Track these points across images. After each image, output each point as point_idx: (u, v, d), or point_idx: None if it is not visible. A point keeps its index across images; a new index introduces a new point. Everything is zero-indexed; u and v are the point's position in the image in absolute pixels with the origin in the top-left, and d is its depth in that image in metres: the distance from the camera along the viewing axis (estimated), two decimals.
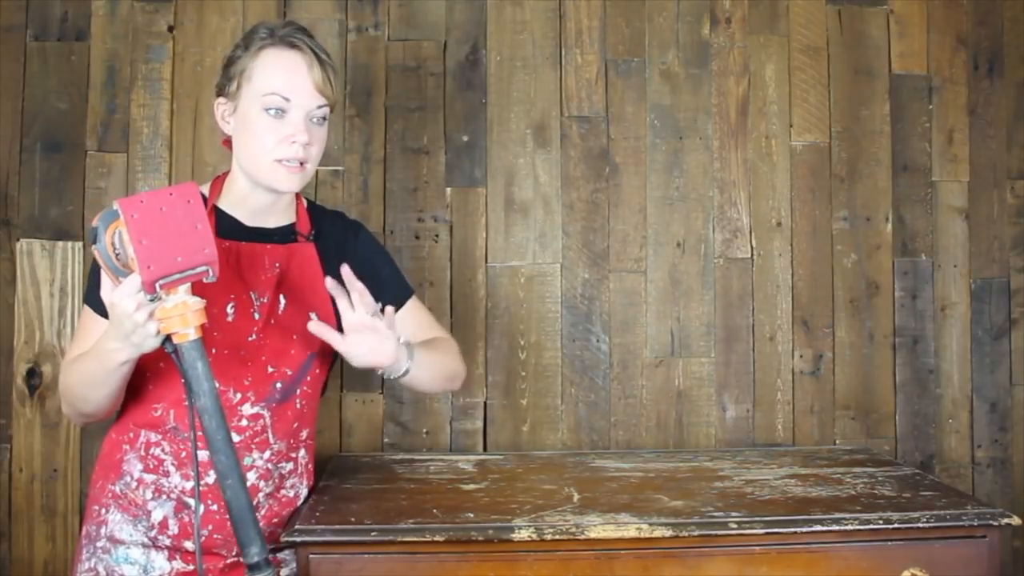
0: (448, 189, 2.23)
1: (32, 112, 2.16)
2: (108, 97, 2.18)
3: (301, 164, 1.54)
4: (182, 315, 1.25)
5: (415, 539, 1.46)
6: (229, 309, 1.55)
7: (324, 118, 1.57)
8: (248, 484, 1.54)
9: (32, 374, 2.13)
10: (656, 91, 2.26)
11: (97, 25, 2.18)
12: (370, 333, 1.50)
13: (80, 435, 2.14)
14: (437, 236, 2.22)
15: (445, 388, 1.77)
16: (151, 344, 1.30)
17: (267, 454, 1.58)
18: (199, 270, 1.24)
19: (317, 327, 1.51)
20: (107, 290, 1.28)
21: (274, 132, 1.52)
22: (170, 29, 2.19)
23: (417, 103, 2.23)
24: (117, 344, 1.32)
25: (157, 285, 1.22)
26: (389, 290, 1.70)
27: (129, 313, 1.25)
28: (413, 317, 1.74)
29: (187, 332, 1.25)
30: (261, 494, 1.57)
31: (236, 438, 1.54)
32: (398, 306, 1.69)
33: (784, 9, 2.28)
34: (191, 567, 1.52)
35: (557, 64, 2.25)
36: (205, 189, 1.64)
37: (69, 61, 2.18)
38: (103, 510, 1.56)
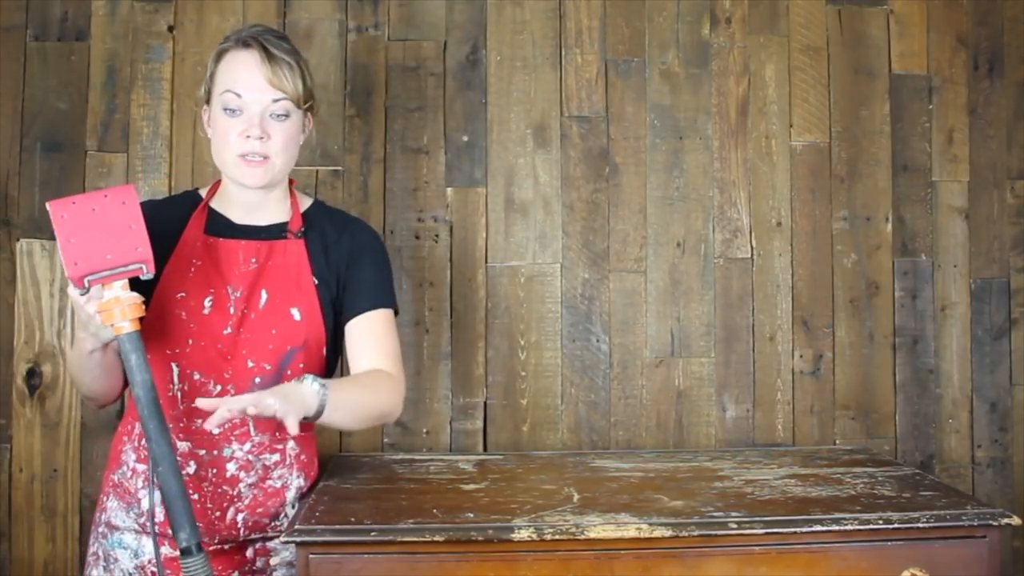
0: (448, 189, 2.23)
1: (32, 112, 2.16)
2: (108, 97, 2.18)
3: (266, 159, 1.58)
4: (117, 309, 1.35)
5: (415, 539, 1.46)
6: (207, 303, 1.60)
7: (285, 112, 1.59)
8: (228, 474, 1.59)
9: (32, 374, 2.13)
10: (656, 91, 2.26)
11: (97, 25, 2.18)
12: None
13: (80, 435, 2.14)
14: (437, 236, 2.22)
15: (372, 425, 1.73)
16: (106, 334, 1.42)
17: (247, 446, 1.61)
18: (131, 267, 1.35)
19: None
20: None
21: (233, 129, 1.58)
22: (170, 29, 2.19)
23: (417, 103, 2.23)
24: (82, 333, 1.45)
25: (86, 280, 1.33)
26: (363, 294, 1.67)
27: (80, 304, 1.38)
28: (368, 333, 1.66)
29: (121, 325, 1.36)
30: (242, 484, 1.60)
31: (216, 430, 1.52)
32: (364, 310, 1.66)
33: (784, 9, 2.28)
34: (177, 552, 1.53)
35: (557, 64, 2.25)
36: (205, 191, 1.71)
37: (69, 61, 2.18)
38: (105, 498, 1.65)
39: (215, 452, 1.59)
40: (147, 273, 1.36)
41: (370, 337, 1.66)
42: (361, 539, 1.46)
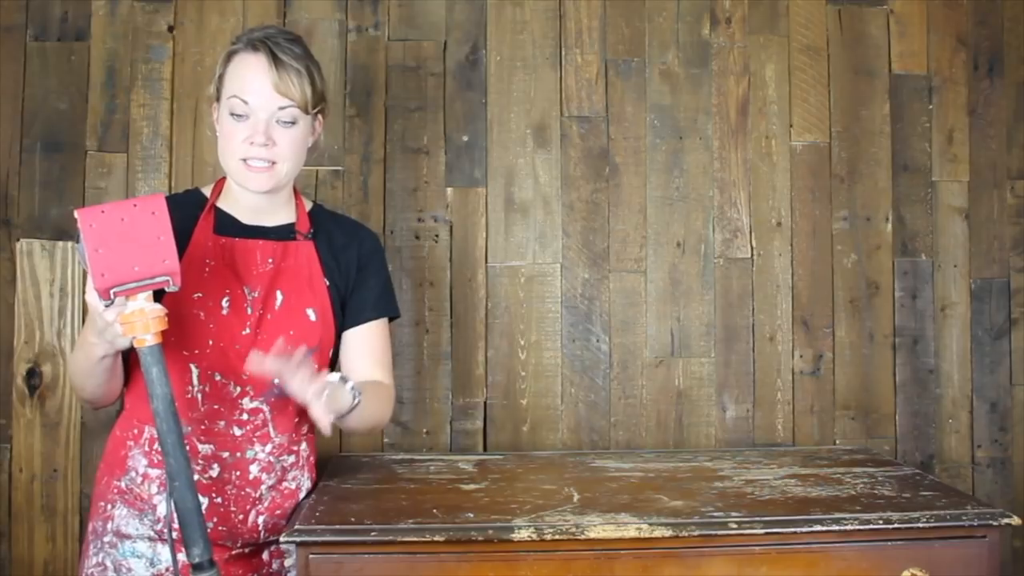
0: (448, 189, 2.23)
1: (32, 112, 2.16)
2: (108, 97, 2.18)
3: (272, 164, 1.57)
4: (141, 322, 1.31)
5: (415, 539, 1.46)
6: (224, 303, 1.58)
7: (292, 119, 1.57)
8: (251, 476, 1.58)
9: (32, 374, 2.13)
10: (656, 91, 2.26)
11: (97, 25, 2.18)
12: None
13: (80, 435, 2.14)
14: (437, 236, 2.22)
15: (363, 432, 1.73)
16: (122, 343, 1.38)
17: (269, 447, 1.60)
18: (158, 280, 1.31)
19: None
20: (89, 287, 1.34)
21: (239, 134, 1.56)
22: (170, 29, 2.19)
23: (417, 103, 2.23)
24: (94, 339, 1.40)
25: (112, 292, 1.29)
26: (368, 304, 1.70)
27: (100, 312, 1.33)
28: (368, 344, 1.70)
29: (144, 338, 1.32)
30: (263, 486, 1.59)
31: (238, 431, 1.58)
32: (366, 321, 1.69)
33: (784, 9, 2.28)
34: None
35: (557, 64, 2.25)
36: (207, 190, 1.69)
37: (69, 61, 2.17)
38: (109, 505, 1.59)
39: (238, 454, 1.57)
40: (173, 286, 1.33)
41: (368, 348, 1.70)
42: (361, 539, 1.46)
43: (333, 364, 1.72)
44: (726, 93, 2.27)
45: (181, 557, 1.50)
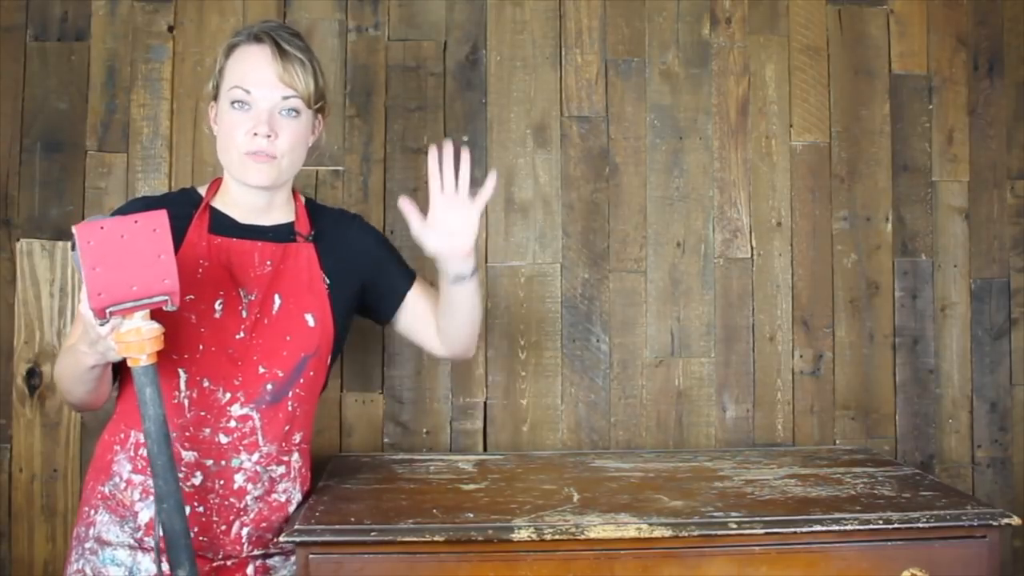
0: None
1: (32, 112, 2.16)
2: (108, 97, 2.18)
3: (272, 158, 1.54)
4: (136, 341, 1.28)
5: (415, 539, 1.46)
6: (217, 306, 1.54)
7: (294, 110, 1.55)
8: (236, 486, 1.54)
9: (32, 374, 2.13)
10: (656, 91, 2.26)
11: (97, 25, 2.18)
12: (462, 208, 1.57)
13: (80, 435, 2.14)
14: None
15: (471, 338, 1.73)
16: (114, 356, 1.34)
17: (256, 456, 1.56)
18: (156, 299, 1.28)
19: (404, 205, 1.57)
20: (83, 298, 1.30)
21: (241, 126, 1.53)
22: (170, 29, 2.19)
23: (417, 103, 2.23)
24: (86, 348, 1.37)
25: (108, 311, 1.25)
26: (397, 277, 1.75)
27: (93, 324, 1.29)
28: (425, 295, 1.75)
29: (138, 358, 1.29)
30: (249, 497, 1.55)
31: (224, 439, 1.54)
32: (409, 287, 1.74)
33: (784, 9, 2.28)
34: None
35: (557, 64, 2.25)
36: (203, 189, 1.66)
37: (69, 61, 2.18)
38: (92, 511, 1.56)
39: (223, 463, 1.53)
40: (172, 306, 1.29)
41: (426, 300, 1.75)
42: (361, 539, 1.46)
43: (330, 368, 1.70)
44: (726, 93, 2.27)
45: (164, 567, 1.45)
